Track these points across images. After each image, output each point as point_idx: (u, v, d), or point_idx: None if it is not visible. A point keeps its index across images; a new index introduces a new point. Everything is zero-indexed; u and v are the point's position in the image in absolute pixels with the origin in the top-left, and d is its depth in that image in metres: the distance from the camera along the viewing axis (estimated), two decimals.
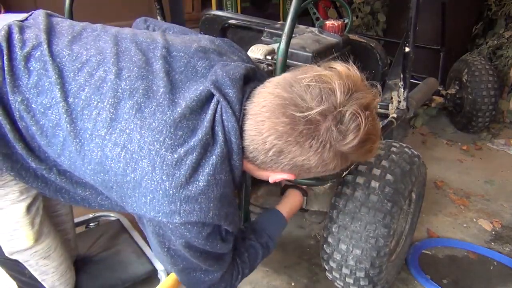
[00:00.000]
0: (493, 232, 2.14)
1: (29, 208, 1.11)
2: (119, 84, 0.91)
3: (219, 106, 0.90)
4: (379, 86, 0.93)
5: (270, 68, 1.36)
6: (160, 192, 0.85)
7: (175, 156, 0.85)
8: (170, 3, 3.26)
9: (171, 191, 0.85)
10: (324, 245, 1.47)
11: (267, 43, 1.60)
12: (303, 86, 0.83)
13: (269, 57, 1.47)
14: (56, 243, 1.25)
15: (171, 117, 0.87)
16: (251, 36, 1.80)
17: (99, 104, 0.89)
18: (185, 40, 1.03)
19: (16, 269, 1.22)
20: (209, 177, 0.86)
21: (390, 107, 1.80)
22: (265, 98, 0.87)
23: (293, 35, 1.53)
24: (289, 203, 1.38)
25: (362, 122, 0.82)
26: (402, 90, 1.76)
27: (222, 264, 1.04)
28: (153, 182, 0.85)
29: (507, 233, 2.13)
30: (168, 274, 1.62)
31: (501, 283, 1.84)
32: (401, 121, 1.77)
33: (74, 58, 0.94)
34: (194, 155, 0.86)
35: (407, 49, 1.69)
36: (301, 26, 1.73)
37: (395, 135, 1.88)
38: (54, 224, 1.32)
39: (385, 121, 1.69)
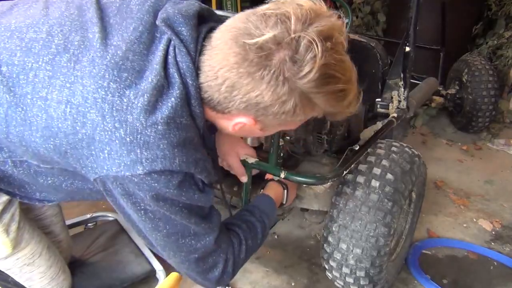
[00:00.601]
0: (493, 232, 2.14)
1: (1, 216, 1.06)
2: (51, 41, 0.85)
3: (171, 46, 0.84)
4: (344, 19, 0.84)
5: None
6: (116, 141, 0.79)
7: (124, 100, 0.79)
8: None
9: (127, 138, 0.78)
10: (325, 245, 1.47)
11: None
12: (259, 15, 0.77)
13: None
14: (42, 247, 1.20)
15: (112, 60, 0.81)
16: None
17: (33, 65, 0.84)
18: None
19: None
20: (168, 120, 0.80)
21: (390, 107, 1.80)
22: (221, 32, 0.82)
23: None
24: (273, 189, 1.32)
25: (318, 51, 0.74)
26: (402, 89, 1.76)
27: (211, 222, 0.96)
28: (106, 133, 0.79)
29: (507, 233, 2.14)
30: (167, 275, 1.63)
31: (501, 283, 1.84)
32: (401, 120, 1.77)
33: (2, 29, 0.89)
34: (146, 97, 0.79)
35: (407, 49, 1.69)
36: None
37: (395, 135, 1.88)
38: (40, 227, 1.28)
39: (385, 121, 1.69)
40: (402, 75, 1.74)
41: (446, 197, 2.40)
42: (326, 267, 1.53)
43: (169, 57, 0.83)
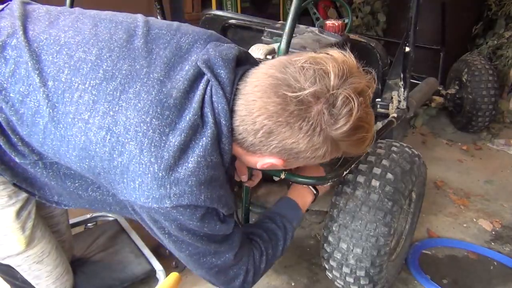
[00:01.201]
0: (493, 232, 2.14)
1: (19, 213, 1.08)
2: (100, 65, 0.88)
3: (208, 87, 0.88)
4: (373, 72, 0.90)
5: None
6: (149, 175, 0.83)
7: (163, 137, 0.83)
8: (170, 3, 3.27)
9: (160, 174, 0.82)
10: (325, 244, 1.48)
11: (268, 43, 1.60)
12: (298, 67, 0.82)
13: (269, 57, 1.47)
14: (51, 246, 1.22)
15: (157, 97, 0.85)
16: (251, 36, 1.80)
17: (80, 86, 0.86)
18: (166, 21, 1.00)
19: (9, 273, 1.19)
20: (198, 159, 0.84)
21: (390, 107, 1.80)
22: (258, 78, 0.86)
23: (294, 35, 1.53)
24: (297, 191, 1.31)
25: (354, 107, 0.80)
26: (402, 89, 1.77)
27: (231, 243, 1.00)
28: (141, 166, 0.83)
29: (507, 233, 2.14)
30: (167, 275, 1.63)
31: (501, 283, 1.84)
32: (401, 120, 1.77)
33: (52, 41, 0.91)
34: (183, 136, 0.83)
35: (407, 49, 1.70)
36: (301, 26, 1.74)
37: (395, 135, 1.88)
38: (48, 226, 1.29)
39: (385, 121, 1.70)
40: (402, 75, 1.74)
41: (446, 197, 2.40)
42: (326, 266, 1.53)
43: (206, 96, 0.87)
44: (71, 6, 1.56)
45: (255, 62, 0.97)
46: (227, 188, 0.94)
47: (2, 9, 0.99)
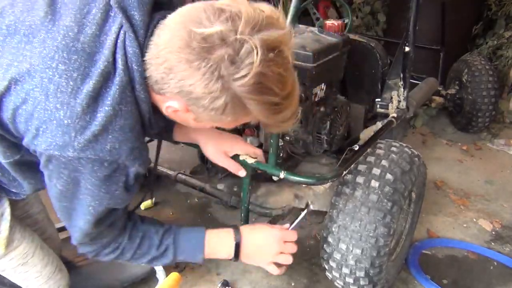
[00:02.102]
0: (493, 232, 2.14)
1: None
2: (2, 22, 0.87)
3: (121, 31, 0.84)
4: (290, 27, 0.86)
5: None
6: (54, 122, 0.81)
7: (71, 83, 0.80)
8: None
9: (65, 121, 0.80)
10: (324, 245, 1.48)
11: None
12: (216, 8, 0.78)
13: None
14: (34, 246, 1.19)
15: (63, 42, 0.82)
16: None
17: None
18: None
19: None
20: (107, 108, 0.82)
21: (390, 107, 1.80)
22: (176, 14, 0.83)
23: (294, 35, 1.53)
24: (219, 243, 1.19)
25: (257, 59, 0.74)
26: (402, 90, 1.77)
27: (101, 224, 0.99)
28: (46, 112, 0.81)
29: (507, 233, 2.14)
30: (167, 275, 1.63)
31: (501, 283, 1.84)
32: (401, 120, 1.77)
33: None
34: (91, 83, 0.81)
35: (407, 49, 1.70)
36: (301, 26, 1.74)
37: (394, 135, 1.88)
38: (28, 226, 1.27)
39: (385, 121, 1.70)
40: (401, 75, 1.74)
41: (446, 197, 2.39)
42: (326, 267, 1.53)
43: (119, 41, 0.84)
44: None
45: (177, 5, 0.90)
46: (141, 141, 0.90)
47: None
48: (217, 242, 1.19)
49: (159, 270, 1.66)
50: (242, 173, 1.30)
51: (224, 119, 0.85)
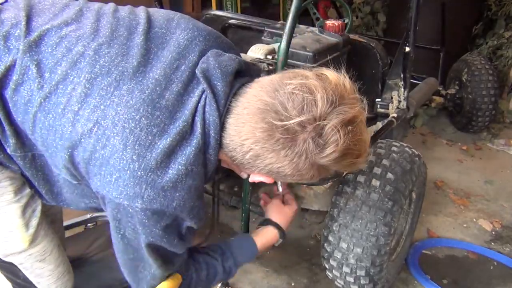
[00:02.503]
0: (493, 232, 2.15)
1: (24, 210, 1.08)
2: (97, 60, 0.89)
3: (203, 95, 0.88)
4: (365, 101, 0.90)
5: (270, 67, 1.36)
6: (128, 172, 0.83)
7: (149, 137, 0.83)
8: (170, 3, 3.27)
9: (139, 173, 0.83)
10: (325, 244, 1.48)
11: (268, 43, 1.61)
12: (287, 93, 0.82)
13: (269, 57, 1.48)
14: (53, 245, 1.20)
15: (150, 97, 0.85)
16: (251, 36, 1.80)
17: (75, 79, 0.87)
18: (168, 14, 1.00)
19: (11, 271, 1.18)
20: (180, 167, 0.85)
21: (390, 107, 1.81)
22: (248, 100, 0.87)
23: (294, 35, 1.53)
24: (265, 237, 1.30)
25: (340, 138, 0.80)
26: (402, 90, 1.77)
27: (170, 268, 1.04)
28: (122, 161, 0.83)
29: (507, 233, 2.14)
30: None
31: (501, 283, 1.85)
32: (401, 120, 1.78)
33: (53, 33, 0.91)
34: (169, 140, 0.84)
35: (407, 49, 1.70)
36: (302, 26, 1.74)
37: (395, 135, 1.89)
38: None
39: (385, 121, 1.70)
40: (402, 75, 1.75)
41: (446, 197, 2.40)
42: (327, 266, 1.53)
43: (199, 105, 0.88)
44: None
45: (254, 73, 0.99)
46: (202, 200, 0.94)
47: (6, 0, 1.00)
48: (265, 242, 1.29)
49: None
50: (244, 175, 1.31)
51: (309, 181, 0.92)
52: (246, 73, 0.96)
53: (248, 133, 0.84)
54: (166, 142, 0.84)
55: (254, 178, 0.96)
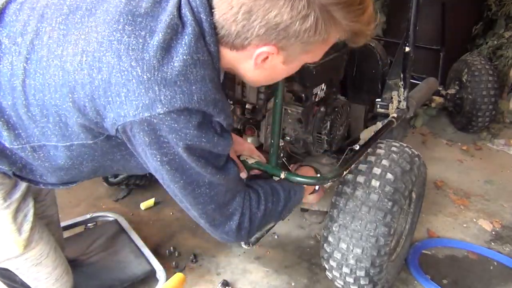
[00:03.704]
0: (493, 232, 2.14)
1: (15, 215, 1.06)
2: (63, 3, 0.87)
3: None
4: None
5: None
6: (133, 81, 0.78)
7: (140, 40, 0.79)
8: None
9: (144, 76, 0.77)
10: (325, 244, 1.48)
11: None
12: None
13: None
14: (49, 248, 1.19)
15: (126, 8, 0.82)
16: None
17: (47, 28, 0.86)
18: None
19: (7, 276, 1.18)
20: (184, 57, 0.79)
21: (390, 107, 1.81)
22: None
23: None
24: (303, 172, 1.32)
25: None
26: (402, 90, 1.77)
27: (227, 173, 0.95)
28: (123, 74, 0.78)
29: (507, 233, 2.14)
30: (166, 274, 1.63)
31: (501, 283, 1.84)
32: (401, 121, 1.78)
33: (11, 3, 0.91)
34: (161, 35, 0.79)
35: (407, 49, 1.70)
36: None
37: (395, 135, 1.89)
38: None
39: (385, 121, 1.70)
40: (402, 75, 1.74)
41: (446, 197, 2.40)
42: (326, 267, 1.53)
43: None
44: None
45: None
46: (222, 94, 0.87)
47: None
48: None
49: (159, 270, 1.66)
50: (243, 175, 1.31)
51: (317, 40, 0.82)
52: None
53: None
54: (158, 38, 0.79)
55: (257, 52, 0.84)
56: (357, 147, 1.44)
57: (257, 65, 0.87)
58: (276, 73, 0.93)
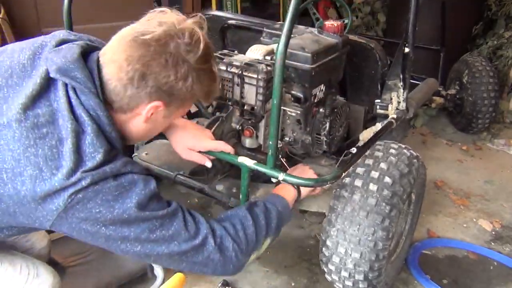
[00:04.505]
0: (493, 232, 2.12)
1: None
2: None
3: (70, 90, 0.91)
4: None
5: (269, 68, 1.34)
6: (57, 185, 0.86)
7: (54, 150, 0.87)
8: (170, 3, 3.25)
9: (67, 181, 0.86)
10: (323, 248, 1.45)
11: (267, 44, 1.58)
12: (143, 22, 0.94)
13: (268, 58, 1.46)
14: None
15: (28, 121, 0.88)
16: (250, 36, 1.78)
17: None
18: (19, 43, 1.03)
19: None
20: (92, 154, 0.88)
21: (389, 108, 1.78)
22: (115, 41, 0.94)
23: (292, 36, 1.50)
24: (281, 189, 1.31)
25: (201, 35, 0.95)
26: (401, 90, 1.74)
27: (174, 221, 1.00)
28: (46, 182, 0.86)
29: (507, 233, 2.12)
30: (164, 272, 1.62)
31: (501, 283, 1.83)
32: (400, 122, 1.75)
33: None
34: (69, 141, 0.87)
35: (406, 50, 1.67)
36: (300, 27, 1.72)
37: (394, 136, 1.86)
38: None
39: (384, 122, 1.67)
40: (401, 76, 1.72)
41: (446, 197, 2.38)
42: (325, 270, 1.51)
43: (72, 100, 0.91)
44: (69, 10, 1.55)
45: (102, 44, 1.02)
46: (121, 156, 0.96)
47: None
48: (282, 192, 1.29)
49: (157, 267, 1.65)
50: (208, 163, 1.31)
51: (190, 96, 1.00)
52: (95, 48, 1.00)
53: (127, 59, 0.90)
54: (69, 144, 0.87)
55: (147, 108, 0.96)
56: (354, 150, 1.41)
57: (147, 118, 0.99)
58: (158, 125, 1.06)
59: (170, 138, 1.32)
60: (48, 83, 0.92)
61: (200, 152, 1.32)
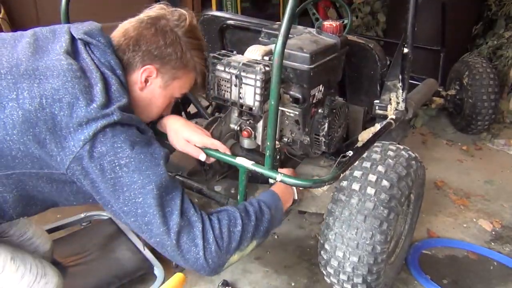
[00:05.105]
0: (493, 232, 2.10)
1: None
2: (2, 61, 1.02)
3: (93, 52, 1.07)
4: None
5: (267, 69, 1.33)
6: (92, 112, 0.96)
7: (88, 89, 0.99)
8: (169, 3, 3.25)
9: (98, 109, 0.97)
10: (322, 251, 1.42)
11: (265, 44, 1.57)
12: (145, 11, 1.16)
13: (266, 58, 1.45)
14: (4, 259, 1.13)
15: (65, 66, 1.00)
16: (249, 36, 1.77)
17: None
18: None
19: None
20: (118, 98, 1.02)
21: (388, 109, 1.76)
22: (117, 28, 1.16)
23: (291, 36, 1.49)
24: (280, 187, 1.30)
25: (187, 14, 1.15)
26: (400, 91, 1.72)
27: (177, 189, 1.05)
28: (82, 109, 0.96)
29: (507, 233, 2.10)
30: (165, 270, 1.61)
31: (501, 283, 1.81)
32: (399, 122, 1.74)
33: None
34: (99, 85, 1.00)
35: (405, 50, 1.66)
36: (299, 27, 1.70)
37: (394, 136, 1.84)
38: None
39: (384, 123, 1.66)
40: (400, 77, 1.70)
41: (446, 197, 2.36)
42: (324, 272, 1.49)
43: (95, 60, 1.06)
44: (66, 10, 1.55)
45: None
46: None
47: None
48: (281, 191, 1.30)
49: (157, 266, 1.64)
50: (202, 156, 1.30)
51: (181, 65, 1.15)
52: None
53: (124, 31, 1.13)
54: (99, 86, 1.01)
55: (140, 71, 1.12)
56: (350, 153, 1.37)
57: (143, 85, 1.14)
58: (156, 97, 1.18)
59: (168, 132, 1.33)
60: (72, 48, 1.06)
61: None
